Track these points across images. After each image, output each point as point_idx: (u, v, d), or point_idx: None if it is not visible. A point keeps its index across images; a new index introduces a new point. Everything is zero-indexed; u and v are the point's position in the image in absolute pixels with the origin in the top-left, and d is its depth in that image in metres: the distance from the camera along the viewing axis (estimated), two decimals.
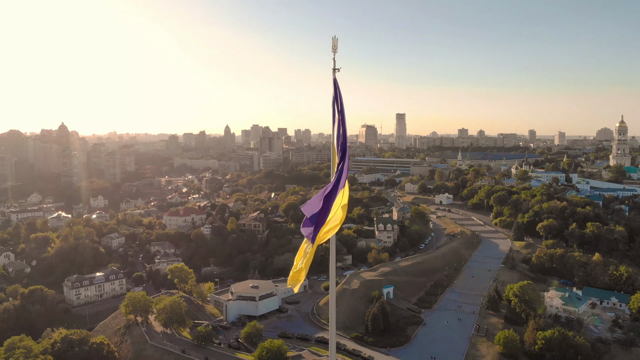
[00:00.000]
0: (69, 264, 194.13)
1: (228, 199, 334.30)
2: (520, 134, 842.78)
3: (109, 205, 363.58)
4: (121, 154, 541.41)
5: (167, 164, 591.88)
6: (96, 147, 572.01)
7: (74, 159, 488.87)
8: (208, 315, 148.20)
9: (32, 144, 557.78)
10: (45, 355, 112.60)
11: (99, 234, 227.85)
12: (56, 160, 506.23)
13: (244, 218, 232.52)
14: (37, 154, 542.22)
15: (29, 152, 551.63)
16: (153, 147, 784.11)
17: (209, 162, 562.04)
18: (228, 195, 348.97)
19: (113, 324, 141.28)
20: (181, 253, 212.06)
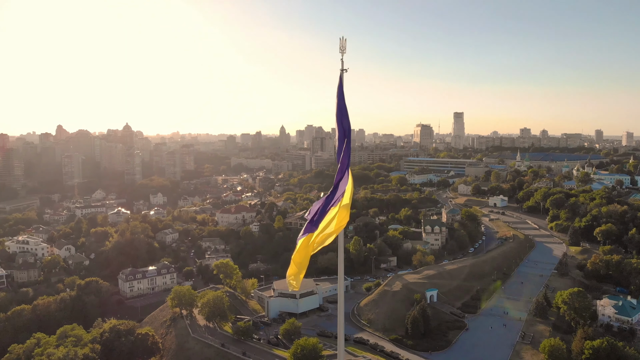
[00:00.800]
0: (124, 257, 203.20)
1: (279, 197, 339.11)
2: (586, 134, 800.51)
3: (167, 202, 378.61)
4: (181, 154, 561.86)
5: (224, 163, 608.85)
6: (158, 146, 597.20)
7: (136, 158, 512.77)
8: (251, 310, 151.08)
9: (99, 143, 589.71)
10: (93, 344, 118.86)
11: (154, 229, 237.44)
12: (120, 158, 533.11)
13: (291, 216, 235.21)
14: (103, 153, 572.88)
15: (96, 151, 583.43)
16: (212, 147, 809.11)
17: (263, 162, 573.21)
18: (279, 194, 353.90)
19: (160, 316, 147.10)
20: (230, 249, 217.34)
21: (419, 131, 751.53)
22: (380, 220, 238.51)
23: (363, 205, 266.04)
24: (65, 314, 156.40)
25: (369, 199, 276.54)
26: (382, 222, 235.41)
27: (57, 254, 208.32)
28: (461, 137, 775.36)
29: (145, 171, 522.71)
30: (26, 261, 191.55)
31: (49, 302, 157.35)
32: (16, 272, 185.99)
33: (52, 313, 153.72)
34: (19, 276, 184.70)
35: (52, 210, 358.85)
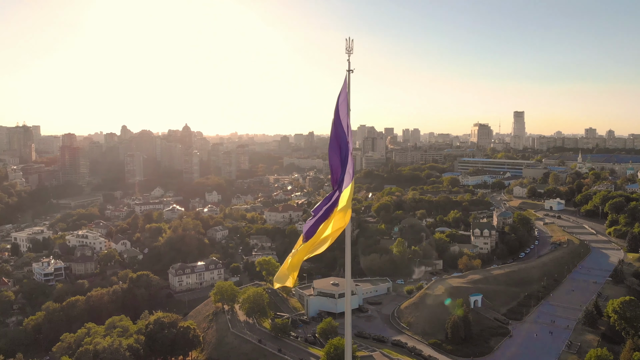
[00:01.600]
0: (175, 252, 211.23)
1: None
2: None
3: (221, 200, 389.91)
4: (237, 153, 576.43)
5: (277, 162, 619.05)
6: (215, 146, 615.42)
7: (194, 157, 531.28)
8: (291, 308, 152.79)
9: (160, 143, 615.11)
10: (138, 335, 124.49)
11: (205, 226, 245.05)
12: (179, 158, 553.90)
13: None
14: (163, 152, 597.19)
15: (157, 150, 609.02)
16: (267, 147, 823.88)
17: (314, 162, 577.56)
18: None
19: (204, 310, 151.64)
20: (276, 247, 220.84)
21: (476, 131, 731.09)
22: (427, 222, 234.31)
23: (411, 207, 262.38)
24: (116, 305, 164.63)
25: (417, 200, 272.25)
26: (429, 224, 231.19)
27: (113, 248, 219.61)
28: (521, 137, 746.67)
29: (203, 170, 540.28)
30: (84, 254, 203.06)
31: (102, 294, 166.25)
32: (74, 264, 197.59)
33: (104, 304, 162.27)
34: (76, 268, 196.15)
35: (114, 206, 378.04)
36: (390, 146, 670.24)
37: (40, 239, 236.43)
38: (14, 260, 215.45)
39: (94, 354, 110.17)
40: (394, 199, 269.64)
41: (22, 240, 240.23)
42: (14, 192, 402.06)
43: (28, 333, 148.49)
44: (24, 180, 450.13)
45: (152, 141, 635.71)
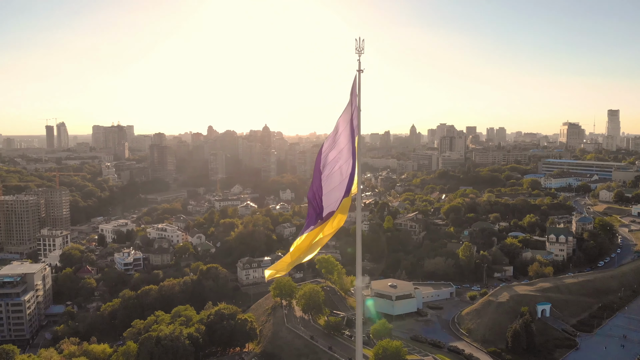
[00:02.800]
0: (245, 247, 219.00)
1: (398, 197, 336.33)
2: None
3: (294, 198, 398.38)
4: (311, 153, 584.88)
5: None
6: (292, 146, 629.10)
7: (272, 157, 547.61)
8: (348, 307, 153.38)
9: (241, 142, 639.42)
10: (199, 324, 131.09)
11: (274, 222, 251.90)
12: (258, 157, 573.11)
13: (401, 217, 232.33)
14: (244, 151, 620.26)
15: (239, 149, 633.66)
16: None
17: (388, 161, 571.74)
18: (398, 194, 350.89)
19: (265, 304, 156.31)
20: (340, 246, 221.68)
21: (566, 130, 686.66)
22: (500, 226, 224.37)
23: (485, 210, 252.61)
24: (186, 295, 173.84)
25: (492, 203, 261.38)
26: (501, 228, 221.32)
27: (189, 241, 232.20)
28: (615, 137, 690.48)
29: (280, 169, 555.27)
30: (161, 246, 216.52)
31: (173, 284, 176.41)
32: (152, 255, 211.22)
33: (175, 294, 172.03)
34: (154, 259, 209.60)
35: (196, 202, 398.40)
36: (472, 146, 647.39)
37: (124, 231, 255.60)
38: (100, 250, 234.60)
39: (156, 340, 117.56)
40: (466, 201, 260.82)
41: (107, 231, 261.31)
42: (106, 187, 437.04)
43: (104, 318, 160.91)
44: (116, 176, 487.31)
45: (235, 141, 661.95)
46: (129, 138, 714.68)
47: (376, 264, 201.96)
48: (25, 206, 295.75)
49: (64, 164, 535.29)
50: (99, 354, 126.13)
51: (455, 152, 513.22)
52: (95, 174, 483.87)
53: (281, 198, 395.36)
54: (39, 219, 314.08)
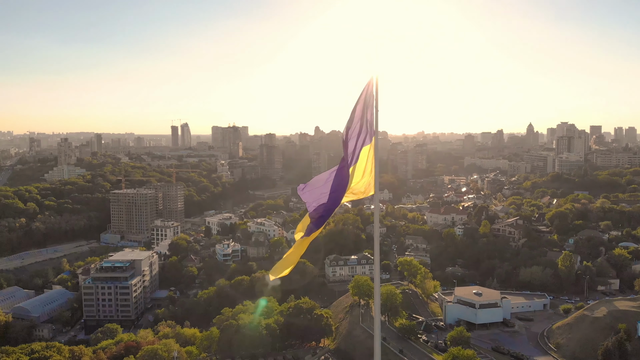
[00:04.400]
0: (333, 245, 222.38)
1: (504, 201, 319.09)
2: None
3: (392, 199, 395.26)
4: (414, 153, 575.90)
5: (457, 162, 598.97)
6: (394, 146, 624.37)
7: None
8: (429, 312, 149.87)
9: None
10: (279, 316, 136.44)
11: (365, 222, 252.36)
12: None
13: (500, 222, 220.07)
14: None
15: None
16: (449, 146, 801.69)
17: (498, 162, 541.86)
18: (505, 198, 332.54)
19: (345, 301, 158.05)
20: (430, 249, 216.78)
21: None
22: (610, 235, 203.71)
23: (596, 217, 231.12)
24: (275, 288, 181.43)
25: (606, 210, 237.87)
26: (612, 237, 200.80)
27: (283, 236, 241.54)
28: None
29: (382, 168, 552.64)
30: (257, 240, 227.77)
31: (264, 276, 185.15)
32: (249, 248, 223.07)
33: (266, 285, 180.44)
34: (250, 252, 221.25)
35: (297, 199, 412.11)
36: (594, 147, 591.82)
37: (227, 224, 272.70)
38: (205, 241, 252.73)
39: (236, 328, 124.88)
40: (576, 207, 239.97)
41: (213, 224, 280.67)
42: (219, 183, 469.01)
43: (200, 304, 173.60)
44: (229, 173, 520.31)
45: (339, 140, 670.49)
46: (243, 138, 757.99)
47: (468, 270, 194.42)
48: (144, 199, 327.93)
49: (184, 161, 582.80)
50: (189, 337, 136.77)
51: (574, 154, 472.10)
52: (210, 171, 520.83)
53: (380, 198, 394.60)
54: (157, 211, 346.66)
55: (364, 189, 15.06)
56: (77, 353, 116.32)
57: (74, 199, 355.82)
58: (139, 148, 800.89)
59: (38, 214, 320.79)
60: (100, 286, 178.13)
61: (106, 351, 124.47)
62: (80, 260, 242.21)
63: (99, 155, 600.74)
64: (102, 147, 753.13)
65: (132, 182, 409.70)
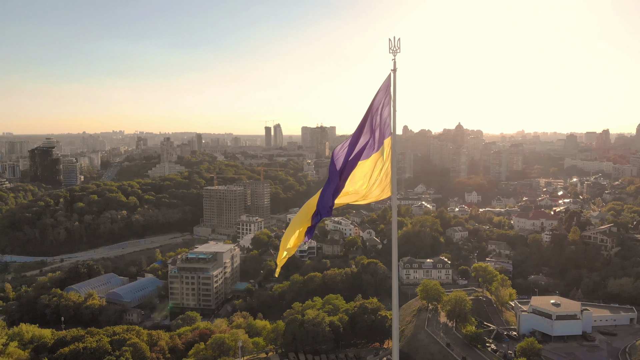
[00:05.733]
0: (409, 246, 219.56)
1: (602, 207, 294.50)
2: None
3: (481, 202, 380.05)
4: (508, 153, 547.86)
5: (557, 164, 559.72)
6: (487, 145, 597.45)
7: (462, 156, 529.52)
8: (503, 321, 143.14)
9: (432, 141, 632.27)
10: (344, 314, 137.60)
11: (445, 225, 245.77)
12: (448, 157, 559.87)
13: (591, 229, 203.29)
14: (434, 151, 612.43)
15: (430, 149, 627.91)
16: (550, 146, 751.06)
17: (602, 165, 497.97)
18: (604, 203, 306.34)
19: (414, 305, 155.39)
20: (513, 256, 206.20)
21: None
22: None
23: None
24: (345, 285, 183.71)
25: None
26: None
27: (359, 235, 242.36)
28: None
29: (472, 169, 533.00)
30: (333, 238, 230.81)
31: (336, 274, 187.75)
32: (325, 245, 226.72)
33: (336, 283, 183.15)
34: (325, 249, 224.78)
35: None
36: None
37: None
38: None
39: (300, 323, 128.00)
40: None
41: None
42: (304, 182, 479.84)
43: (274, 298, 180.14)
44: (314, 172, 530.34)
45: (427, 140, 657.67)
46: (330, 138, 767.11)
47: (552, 279, 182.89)
48: (234, 195, 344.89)
49: (274, 160, 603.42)
50: (260, 328, 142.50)
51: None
52: (297, 170, 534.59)
53: (466, 200, 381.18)
54: (245, 207, 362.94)
55: (379, 191, 15.05)
56: (154, 337, 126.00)
57: (171, 194, 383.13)
58: (235, 147, 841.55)
59: (138, 207, 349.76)
60: (185, 276, 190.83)
61: (182, 337, 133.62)
62: (172, 251, 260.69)
63: (197, 154, 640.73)
64: (202, 146, 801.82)
65: (225, 179, 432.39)
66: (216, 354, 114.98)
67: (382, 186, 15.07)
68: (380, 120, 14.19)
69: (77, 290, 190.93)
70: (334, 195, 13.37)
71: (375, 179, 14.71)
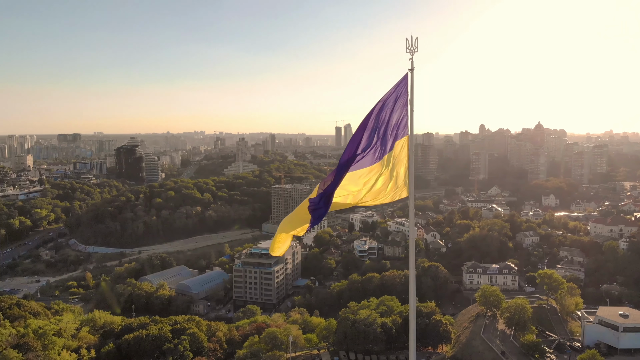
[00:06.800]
0: (474, 251, 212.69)
1: None
2: None
3: (558, 205, 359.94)
4: (592, 154, 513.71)
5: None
6: (569, 146, 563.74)
7: (541, 158, 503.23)
8: (567, 331, 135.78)
9: (510, 141, 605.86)
10: (397, 316, 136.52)
11: (516, 229, 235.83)
12: (526, 157, 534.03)
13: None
14: (512, 151, 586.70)
15: (507, 149, 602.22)
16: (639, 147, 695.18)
17: None
18: None
19: (473, 310, 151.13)
20: (586, 263, 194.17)
21: None
22: None
23: None
24: (403, 287, 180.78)
25: None
26: None
27: (423, 238, 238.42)
28: None
29: (552, 171, 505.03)
30: (394, 239, 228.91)
31: (395, 276, 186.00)
32: (386, 246, 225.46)
33: (394, 285, 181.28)
34: (387, 250, 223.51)
35: (449, 201, 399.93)
36: None
37: (369, 222, 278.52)
38: (346, 236, 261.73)
39: (352, 323, 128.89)
40: None
41: (356, 220, 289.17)
42: None
43: (332, 296, 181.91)
44: None
45: (504, 140, 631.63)
46: None
47: (627, 289, 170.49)
48: (300, 194, 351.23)
49: None
50: (314, 325, 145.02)
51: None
52: None
53: (542, 204, 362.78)
54: None
55: (393, 192, 14.88)
56: (213, 328, 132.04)
57: (243, 191, 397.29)
58: (305, 147, 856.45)
59: (212, 204, 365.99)
60: (248, 270, 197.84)
61: (239, 329, 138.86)
62: (240, 246, 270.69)
63: (270, 153, 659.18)
64: (275, 146, 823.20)
65: (293, 178, 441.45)
66: (269, 347, 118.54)
67: (395, 187, 14.72)
68: (394, 122, 13.83)
69: (149, 281, 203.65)
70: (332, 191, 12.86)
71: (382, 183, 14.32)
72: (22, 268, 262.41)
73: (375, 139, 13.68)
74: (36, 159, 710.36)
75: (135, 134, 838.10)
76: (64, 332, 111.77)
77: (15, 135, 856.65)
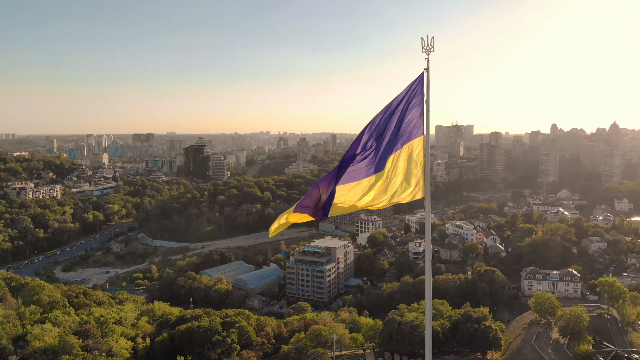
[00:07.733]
0: (535, 256, 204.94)
1: None
2: None
3: (632, 210, 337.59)
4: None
5: None
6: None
7: (615, 159, 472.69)
8: (626, 342, 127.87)
9: (583, 142, 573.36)
10: (446, 320, 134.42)
11: (581, 235, 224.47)
12: (600, 159, 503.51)
13: None
14: (585, 153, 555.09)
15: (580, 150, 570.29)
16: None
17: None
18: None
19: (526, 318, 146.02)
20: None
21: None
22: None
23: None
24: (458, 292, 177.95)
25: None
26: None
27: (482, 242, 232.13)
28: None
29: (628, 174, 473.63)
30: (451, 242, 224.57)
31: (448, 279, 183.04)
32: (442, 249, 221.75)
33: (447, 289, 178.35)
34: (442, 253, 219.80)
35: (515, 203, 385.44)
36: None
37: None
38: (401, 238, 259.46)
39: (397, 324, 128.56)
40: None
41: (412, 222, 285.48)
42: (432, 183, 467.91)
43: (383, 297, 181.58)
44: (444, 173, 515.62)
45: (577, 140, 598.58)
46: (466, 137, 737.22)
47: None
48: None
49: None
50: (362, 325, 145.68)
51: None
52: None
53: (615, 208, 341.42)
54: None
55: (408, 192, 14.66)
56: (262, 322, 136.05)
57: (301, 190, 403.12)
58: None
59: (271, 202, 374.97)
60: (301, 267, 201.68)
61: (288, 325, 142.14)
62: (296, 244, 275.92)
63: (329, 153, 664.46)
64: (336, 145, 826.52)
65: None
66: (314, 344, 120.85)
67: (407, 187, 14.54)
68: (406, 122, 13.75)
69: (209, 275, 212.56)
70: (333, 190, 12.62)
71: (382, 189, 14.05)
72: (93, 260, 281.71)
73: (376, 143, 13.41)
74: (111, 157, 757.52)
75: (205, 134, 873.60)
76: (124, 320, 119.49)
77: (93, 134, 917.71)
